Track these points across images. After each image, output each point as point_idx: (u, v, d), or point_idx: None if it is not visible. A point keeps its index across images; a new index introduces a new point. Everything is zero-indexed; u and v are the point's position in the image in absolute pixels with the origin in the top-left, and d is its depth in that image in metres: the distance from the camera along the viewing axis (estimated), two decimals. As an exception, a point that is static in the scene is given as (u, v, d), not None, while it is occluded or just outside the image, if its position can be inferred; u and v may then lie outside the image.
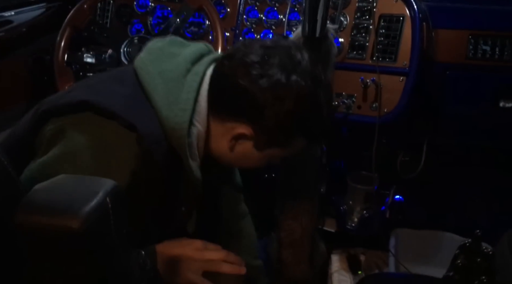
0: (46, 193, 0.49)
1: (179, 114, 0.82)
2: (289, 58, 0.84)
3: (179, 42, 0.93)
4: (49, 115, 0.82)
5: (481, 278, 0.67)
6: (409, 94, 1.28)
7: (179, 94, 0.83)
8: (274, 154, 0.90)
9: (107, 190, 0.50)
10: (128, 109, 0.80)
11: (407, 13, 1.30)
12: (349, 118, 1.35)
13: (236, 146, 0.88)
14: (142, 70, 0.85)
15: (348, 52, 1.36)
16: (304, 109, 0.84)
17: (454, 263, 0.71)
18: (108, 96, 0.82)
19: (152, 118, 0.82)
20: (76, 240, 0.46)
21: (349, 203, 1.49)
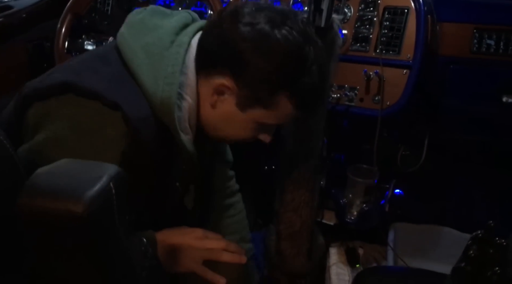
0: (49, 177, 0.48)
1: (165, 89, 0.79)
2: (280, 13, 0.81)
3: (160, 11, 0.89)
4: (32, 99, 0.80)
5: (494, 269, 0.66)
6: (412, 87, 1.27)
7: (163, 68, 0.80)
8: (258, 116, 0.85)
9: (111, 175, 0.49)
10: (110, 87, 0.78)
11: (412, 5, 1.29)
12: (351, 111, 1.34)
13: (218, 104, 0.84)
14: (123, 46, 0.83)
15: (351, 44, 1.35)
16: (289, 65, 0.79)
17: (466, 254, 0.70)
18: (89, 76, 0.79)
19: (138, 95, 0.80)
20: (79, 224, 0.46)
21: (348, 196, 1.49)
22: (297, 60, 0.80)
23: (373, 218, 1.53)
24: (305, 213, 1.27)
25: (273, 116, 0.85)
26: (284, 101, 0.83)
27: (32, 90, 0.80)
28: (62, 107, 0.77)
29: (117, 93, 0.78)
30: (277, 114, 0.85)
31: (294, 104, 0.84)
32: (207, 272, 0.93)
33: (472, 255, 0.67)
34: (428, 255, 1.55)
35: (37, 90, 0.80)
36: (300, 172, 1.23)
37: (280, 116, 0.86)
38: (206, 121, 0.89)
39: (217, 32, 0.81)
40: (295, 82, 0.81)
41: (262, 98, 0.82)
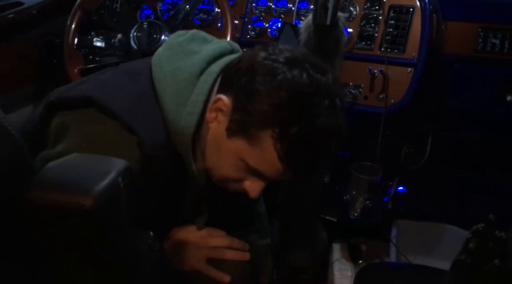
0: (58, 171, 0.50)
1: (185, 118, 0.77)
2: (315, 64, 0.77)
3: (201, 37, 0.87)
4: (56, 107, 0.80)
5: (493, 262, 0.67)
6: (417, 85, 1.28)
7: (188, 95, 0.78)
8: (240, 149, 0.77)
9: (120, 170, 0.51)
10: (132, 109, 0.77)
11: (417, 4, 1.29)
12: (355, 108, 1.35)
13: (213, 123, 0.79)
14: (156, 67, 0.81)
15: (356, 42, 1.36)
16: (289, 104, 0.72)
17: (466, 247, 0.70)
18: (114, 94, 0.78)
19: (158, 120, 0.78)
20: (87, 217, 0.48)
21: (352, 193, 1.50)
22: (300, 104, 0.73)
23: (376, 215, 1.55)
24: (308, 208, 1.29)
25: (254, 156, 0.76)
26: (268, 142, 0.74)
27: (57, 99, 0.80)
28: (83, 122, 0.77)
29: (137, 116, 0.77)
30: (259, 156, 0.76)
31: (277, 151, 0.74)
32: (211, 270, 0.94)
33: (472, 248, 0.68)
34: (430, 252, 1.56)
35: (62, 100, 0.80)
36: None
37: (262, 160, 0.76)
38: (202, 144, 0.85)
39: (241, 59, 0.79)
40: (287, 125, 0.72)
41: (249, 127, 0.75)
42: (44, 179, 0.49)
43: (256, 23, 1.46)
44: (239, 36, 1.45)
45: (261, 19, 1.46)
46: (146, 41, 1.28)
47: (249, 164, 0.77)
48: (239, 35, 1.45)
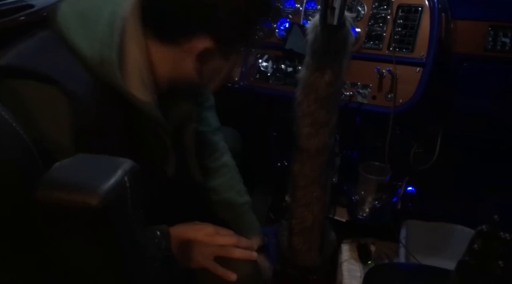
0: (65, 170, 0.51)
1: (104, 49, 0.73)
2: None
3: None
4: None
5: (498, 263, 0.66)
6: (426, 85, 1.27)
7: (97, 24, 0.74)
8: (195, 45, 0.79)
9: (126, 169, 0.51)
10: (39, 60, 0.70)
11: (426, 3, 1.29)
12: (364, 108, 1.35)
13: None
14: (56, 15, 0.76)
15: (364, 42, 1.36)
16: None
17: (470, 248, 0.70)
18: (16, 54, 0.71)
19: (71, 60, 0.72)
20: (94, 216, 0.48)
21: (360, 193, 1.50)
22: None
23: (385, 215, 1.54)
24: (317, 208, 1.28)
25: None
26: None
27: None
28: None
29: (47, 64, 0.70)
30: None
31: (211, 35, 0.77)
32: (218, 268, 0.95)
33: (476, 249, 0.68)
34: (440, 253, 1.54)
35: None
36: (312, 168, 1.25)
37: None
38: (177, 80, 0.83)
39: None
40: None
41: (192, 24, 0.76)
42: (51, 179, 0.50)
43: (264, 23, 1.46)
44: (247, 37, 1.46)
45: (269, 19, 1.46)
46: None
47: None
48: (247, 35, 1.46)
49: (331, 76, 1.04)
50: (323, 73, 1.03)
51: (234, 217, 1.16)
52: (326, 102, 1.09)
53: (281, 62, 1.44)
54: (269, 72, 1.45)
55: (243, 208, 1.19)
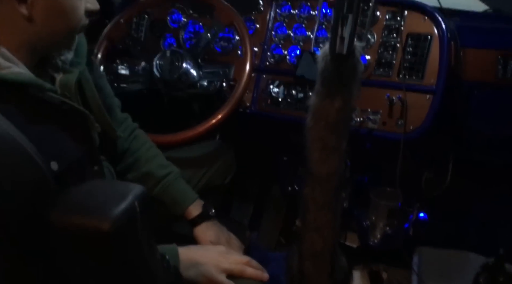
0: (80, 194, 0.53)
1: None
2: None
3: None
4: None
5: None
6: (436, 112, 1.28)
7: None
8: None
9: (136, 194, 0.53)
10: None
11: (435, 32, 1.31)
12: (374, 134, 1.36)
13: (31, 12, 0.73)
14: None
15: (374, 69, 1.38)
16: None
17: (476, 282, 0.70)
18: None
19: None
20: (105, 240, 0.50)
21: (371, 218, 1.49)
22: None
23: (397, 241, 1.52)
24: (327, 233, 1.28)
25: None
26: None
27: None
28: None
29: None
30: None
31: None
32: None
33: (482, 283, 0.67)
34: (453, 280, 1.52)
35: None
36: (323, 192, 1.25)
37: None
38: (37, 38, 0.77)
39: None
40: None
41: None
42: (66, 202, 0.52)
43: (275, 51, 1.49)
44: (259, 63, 1.49)
45: (280, 46, 1.49)
46: (168, 69, 1.33)
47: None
48: (258, 62, 1.49)
49: (341, 103, 1.05)
50: (333, 100, 1.05)
51: (162, 191, 1.12)
52: (336, 128, 1.10)
53: (292, 88, 1.46)
54: (280, 98, 1.47)
55: (168, 179, 1.13)
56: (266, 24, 1.51)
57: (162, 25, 1.56)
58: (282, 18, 1.50)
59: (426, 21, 1.32)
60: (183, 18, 1.56)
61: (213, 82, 1.40)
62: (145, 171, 1.12)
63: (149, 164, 1.13)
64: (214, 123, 1.28)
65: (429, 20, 1.32)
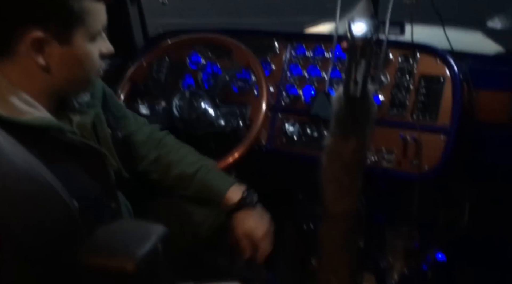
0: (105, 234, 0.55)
1: None
2: None
3: None
4: None
5: None
6: (451, 152, 1.29)
7: None
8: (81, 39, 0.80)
9: (159, 235, 0.55)
10: None
11: (448, 74, 1.33)
12: (389, 173, 1.37)
13: (52, 61, 0.77)
14: None
15: (388, 109, 1.40)
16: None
17: None
18: None
19: None
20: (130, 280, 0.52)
21: (388, 259, 1.48)
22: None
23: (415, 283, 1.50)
24: (344, 274, 1.27)
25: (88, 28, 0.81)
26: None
27: None
28: None
29: None
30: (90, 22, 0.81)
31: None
32: None
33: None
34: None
35: None
36: (339, 232, 1.25)
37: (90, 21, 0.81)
38: (56, 85, 0.81)
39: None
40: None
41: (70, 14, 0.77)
42: (93, 243, 0.54)
43: (290, 91, 1.53)
44: (274, 102, 1.53)
45: (295, 86, 1.53)
46: (187, 108, 1.37)
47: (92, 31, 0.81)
48: (274, 101, 1.53)
49: (356, 144, 1.07)
50: (348, 141, 1.07)
51: (198, 187, 1.10)
52: (351, 168, 1.12)
53: (306, 127, 1.49)
54: (295, 137, 1.50)
55: (200, 173, 1.12)
56: (282, 65, 1.56)
57: (181, 67, 1.62)
58: (297, 59, 1.55)
59: (438, 63, 1.36)
60: (202, 60, 1.62)
61: (230, 121, 1.44)
62: (177, 173, 1.11)
63: (180, 165, 1.12)
64: (230, 161, 1.31)
65: (441, 62, 1.35)
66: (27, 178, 0.53)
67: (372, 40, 0.94)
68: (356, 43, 0.94)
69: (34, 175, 0.54)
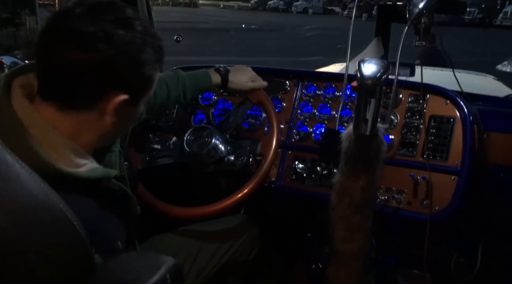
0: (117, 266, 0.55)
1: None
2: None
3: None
4: None
5: None
6: (462, 194, 1.28)
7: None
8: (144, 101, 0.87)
9: (168, 266, 0.55)
10: None
11: (458, 115, 1.34)
12: (399, 213, 1.35)
13: (119, 117, 0.82)
14: None
15: (398, 148, 1.40)
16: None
17: None
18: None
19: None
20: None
21: (399, 302, 1.43)
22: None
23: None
24: None
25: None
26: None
27: None
28: None
29: None
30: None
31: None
32: None
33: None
34: None
35: None
36: (347, 273, 1.23)
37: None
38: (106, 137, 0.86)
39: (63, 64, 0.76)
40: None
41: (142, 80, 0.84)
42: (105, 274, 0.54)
43: (300, 128, 1.55)
44: (284, 140, 1.54)
45: (306, 124, 1.55)
46: (198, 144, 1.39)
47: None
48: (284, 138, 1.54)
49: (365, 182, 1.07)
50: (357, 179, 1.07)
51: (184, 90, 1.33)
52: (361, 207, 1.11)
53: (316, 164, 1.49)
54: (304, 174, 1.50)
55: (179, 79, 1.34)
56: (293, 103, 1.58)
57: (193, 102, 1.65)
58: (307, 98, 1.57)
59: (448, 104, 1.37)
60: (214, 96, 1.65)
61: (240, 157, 1.45)
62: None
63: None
64: (239, 197, 1.30)
65: (451, 104, 1.36)
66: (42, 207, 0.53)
67: (382, 80, 0.96)
68: (366, 82, 0.96)
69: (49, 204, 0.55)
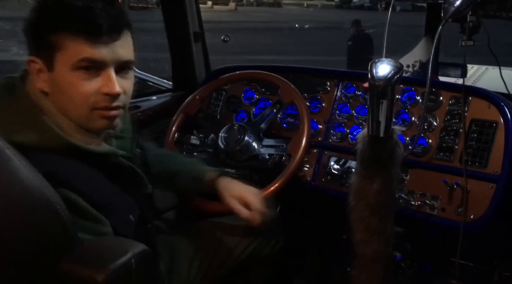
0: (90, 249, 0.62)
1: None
2: None
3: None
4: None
5: None
6: (499, 202, 1.20)
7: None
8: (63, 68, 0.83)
9: (134, 252, 0.61)
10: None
11: (501, 120, 1.26)
12: (432, 220, 1.30)
13: (42, 86, 0.84)
14: None
15: (435, 153, 1.34)
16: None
17: None
18: None
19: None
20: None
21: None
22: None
23: None
24: None
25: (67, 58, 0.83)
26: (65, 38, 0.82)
27: None
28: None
29: None
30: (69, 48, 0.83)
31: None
32: None
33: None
34: None
35: None
36: (368, 276, 1.21)
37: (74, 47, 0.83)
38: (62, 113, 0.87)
39: None
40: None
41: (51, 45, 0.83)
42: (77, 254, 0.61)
43: (338, 129, 1.54)
44: (322, 140, 1.54)
45: (343, 125, 1.53)
46: (231, 141, 1.45)
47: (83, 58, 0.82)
48: (322, 138, 1.54)
49: (380, 185, 1.05)
50: (372, 181, 1.06)
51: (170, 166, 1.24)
52: (377, 209, 1.09)
53: (352, 165, 1.47)
54: (340, 175, 1.49)
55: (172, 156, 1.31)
56: (332, 104, 1.57)
57: (237, 101, 1.71)
58: (347, 99, 1.56)
59: (491, 108, 1.29)
60: (256, 95, 1.69)
61: (273, 155, 1.48)
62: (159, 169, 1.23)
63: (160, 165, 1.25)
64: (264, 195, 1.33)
65: (494, 108, 1.28)
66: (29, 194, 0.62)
67: (393, 81, 0.94)
68: (376, 84, 0.95)
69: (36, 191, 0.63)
